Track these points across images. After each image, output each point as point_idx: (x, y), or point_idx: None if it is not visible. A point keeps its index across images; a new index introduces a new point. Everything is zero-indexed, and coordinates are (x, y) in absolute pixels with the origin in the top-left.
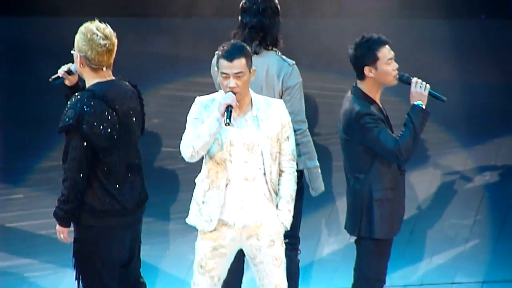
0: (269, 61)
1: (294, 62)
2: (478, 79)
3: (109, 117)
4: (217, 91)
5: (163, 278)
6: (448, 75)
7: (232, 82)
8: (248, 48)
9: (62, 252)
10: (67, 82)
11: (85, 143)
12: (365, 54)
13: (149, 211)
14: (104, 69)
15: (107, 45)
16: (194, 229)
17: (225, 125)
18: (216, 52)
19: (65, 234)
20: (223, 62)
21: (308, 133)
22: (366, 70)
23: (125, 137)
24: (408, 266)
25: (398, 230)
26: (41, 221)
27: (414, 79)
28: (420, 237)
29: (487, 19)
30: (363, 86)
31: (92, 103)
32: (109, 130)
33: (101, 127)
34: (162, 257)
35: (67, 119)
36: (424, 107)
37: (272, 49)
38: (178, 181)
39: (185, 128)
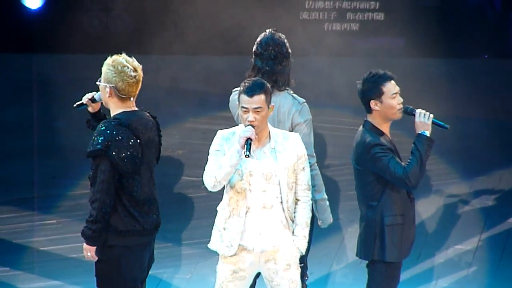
0: (280, 100)
1: (304, 101)
2: (480, 114)
3: (134, 145)
4: (237, 125)
5: None
6: (452, 110)
7: (251, 116)
8: (268, 85)
9: (91, 274)
10: (90, 109)
11: (112, 168)
12: (371, 89)
13: (173, 236)
14: (131, 99)
15: (136, 77)
16: (215, 254)
17: (245, 157)
18: (235, 88)
19: (92, 252)
20: (244, 97)
21: (317, 166)
22: (372, 103)
23: (145, 164)
24: None
25: (408, 254)
26: (72, 245)
27: (418, 110)
28: (426, 261)
29: (489, 58)
30: (371, 119)
31: (120, 131)
32: (133, 156)
33: (127, 153)
34: (185, 279)
35: (96, 145)
36: (428, 135)
37: (284, 89)
38: (200, 208)
39: (207, 160)
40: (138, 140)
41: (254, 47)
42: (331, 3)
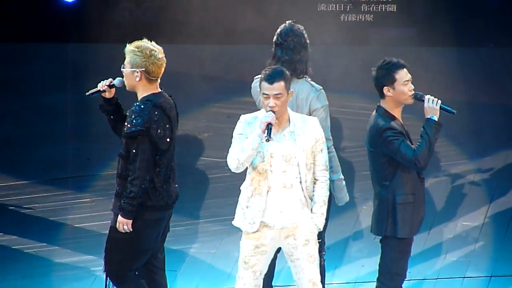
0: (299, 87)
1: (321, 88)
2: (487, 99)
3: (167, 124)
4: (259, 110)
5: (212, 272)
6: (460, 95)
7: (272, 102)
8: (287, 72)
9: None
10: (107, 95)
11: (151, 146)
12: (384, 76)
13: (200, 214)
14: (158, 80)
15: (163, 58)
16: (239, 230)
17: (266, 141)
18: (256, 76)
19: (128, 225)
20: (265, 84)
21: (333, 149)
22: (385, 90)
23: (172, 142)
24: (425, 262)
25: (418, 230)
26: (104, 222)
27: (427, 96)
28: (436, 237)
29: (495, 47)
30: (384, 104)
31: (155, 112)
32: (167, 135)
33: (163, 132)
34: (211, 254)
35: (137, 126)
36: (437, 119)
37: (302, 77)
38: (225, 188)
39: (231, 142)
40: (169, 119)
41: (275, 38)
42: None
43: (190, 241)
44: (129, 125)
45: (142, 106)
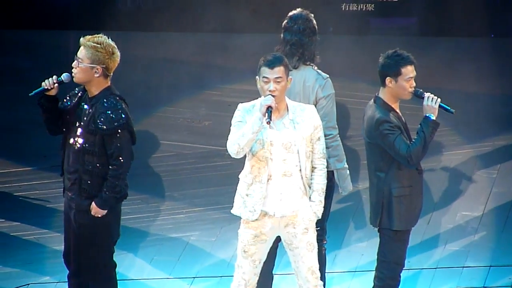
0: (306, 75)
1: (328, 76)
2: (486, 89)
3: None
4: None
5: (211, 260)
6: (460, 85)
7: (272, 86)
8: (286, 59)
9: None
10: (52, 92)
11: (131, 138)
12: (390, 66)
13: (200, 202)
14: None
15: (119, 54)
16: (238, 218)
17: (267, 123)
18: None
19: (102, 215)
20: (265, 69)
21: (338, 138)
22: (387, 80)
23: None
24: (425, 252)
25: (415, 222)
26: None
27: (426, 94)
28: (436, 227)
29: (496, 37)
30: (383, 95)
31: (124, 104)
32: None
33: (132, 122)
34: (211, 242)
35: (119, 120)
36: (434, 118)
37: (309, 64)
38: (225, 176)
39: (230, 130)
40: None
41: (285, 21)
42: None
43: (190, 229)
44: (107, 122)
45: (112, 101)
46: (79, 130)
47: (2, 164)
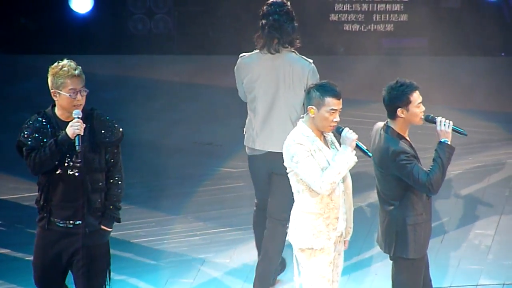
0: (291, 60)
1: (312, 61)
2: (498, 107)
3: None
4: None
5: (226, 281)
6: (471, 103)
7: (338, 117)
8: None
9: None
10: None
11: None
12: (399, 97)
13: (214, 223)
14: None
15: None
16: (251, 238)
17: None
18: (242, 54)
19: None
20: (333, 100)
21: None
22: (399, 111)
23: None
24: (439, 270)
25: (427, 247)
26: None
27: (438, 118)
28: (449, 245)
29: (506, 56)
30: (394, 125)
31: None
32: None
33: None
34: (225, 263)
35: (118, 132)
36: (449, 142)
37: (290, 50)
38: (238, 197)
39: (304, 166)
40: None
41: (262, 8)
42: (359, 5)
43: (205, 250)
44: (111, 133)
45: (101, 114)
46: (78, 155)
47: (17, 189)
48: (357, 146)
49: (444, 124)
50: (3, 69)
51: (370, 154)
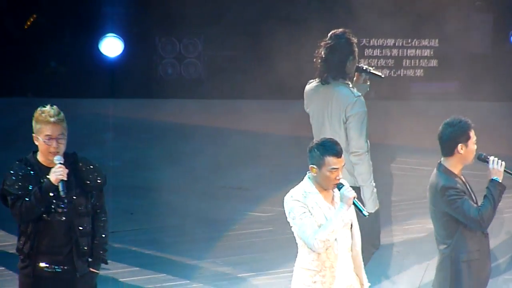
0: (336, 91)
1: (360, 94)
2: None
3: None
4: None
5: None
6: (504, 149)
7: (340, 174)
8: None
9: None
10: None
11: None
12: (461, 133)
13: (244, 267)
14: None
15: None
16: (280, 283)
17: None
18: (310, 80)
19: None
20: (333, 159)
21: (366, 156)
22: (459, 147)
23: None
24: None
25: (485, 286)
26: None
27: (491, 158)
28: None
29: None
30: (447, 162)
31: None
32: None
33: None
34: None
35: (102, 171)
36: (500, 181)
37: (343, 82)
38: (264, 242)
39: (300, 224)
40: None
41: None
42: (389, 51)
43: None
44: (99, 176)
45: (83, 157)
46: (64, 201)
47: None
48: (353, 204)
49: (497, 163)
50: (31, 113)
51: (366, 214)
